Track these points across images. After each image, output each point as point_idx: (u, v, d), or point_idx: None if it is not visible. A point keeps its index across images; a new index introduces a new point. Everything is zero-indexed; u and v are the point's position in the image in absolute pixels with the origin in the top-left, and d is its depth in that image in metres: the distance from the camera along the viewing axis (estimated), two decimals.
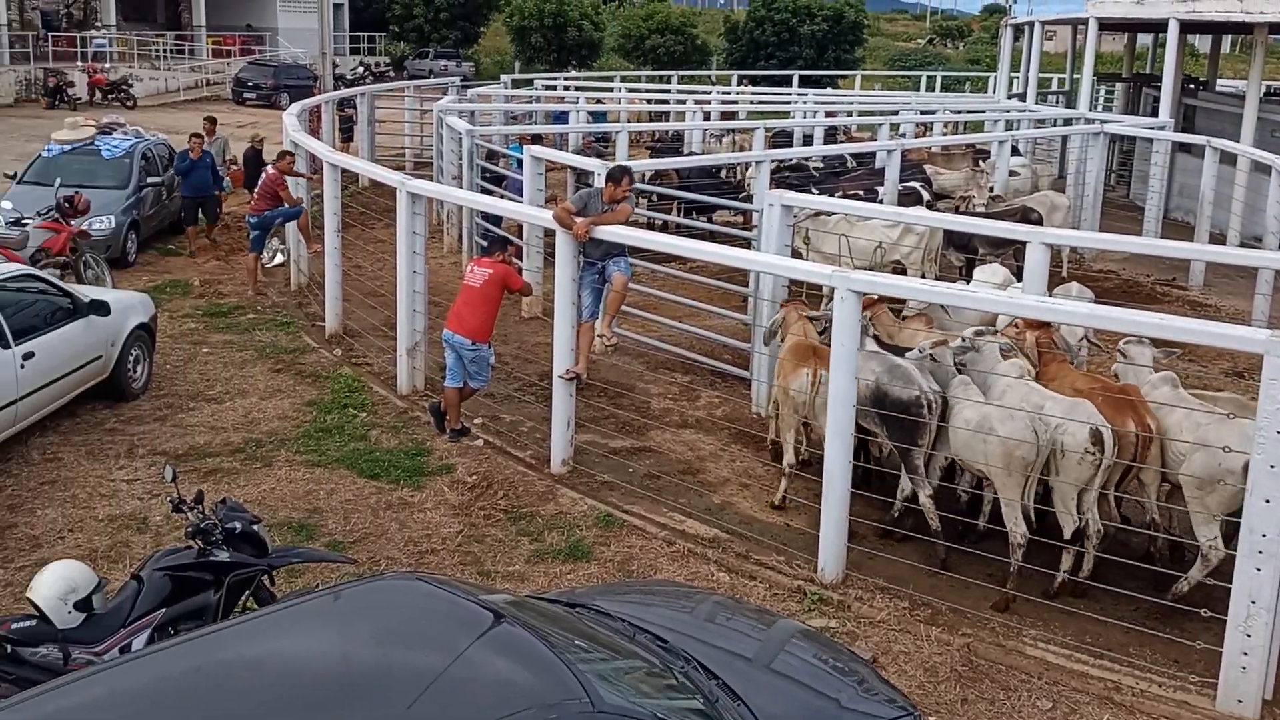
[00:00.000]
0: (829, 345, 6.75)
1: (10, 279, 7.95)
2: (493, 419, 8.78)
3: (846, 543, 6.52)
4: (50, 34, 35.25)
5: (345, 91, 22.52)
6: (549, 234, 9.24)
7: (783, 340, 7.89)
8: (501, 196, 12.98)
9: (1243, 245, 13.76)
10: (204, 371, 9.74)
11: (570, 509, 7.27)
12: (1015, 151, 16.87)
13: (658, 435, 8.56)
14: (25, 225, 10.94)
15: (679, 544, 6.84)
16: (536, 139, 15.08)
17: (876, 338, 7.71)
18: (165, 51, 36.85)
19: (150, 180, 14.18)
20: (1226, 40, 35.17)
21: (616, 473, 7.79)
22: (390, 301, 9.84)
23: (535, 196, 11.43)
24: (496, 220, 12.13)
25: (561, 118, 20.65)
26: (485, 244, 9.74)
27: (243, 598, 5.05)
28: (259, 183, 12.41)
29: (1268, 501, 5.23)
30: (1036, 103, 23.27)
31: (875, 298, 7.81)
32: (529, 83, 28.72)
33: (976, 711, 5.37)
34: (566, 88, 27.23)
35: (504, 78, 29.07)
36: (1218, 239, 14.59)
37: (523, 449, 8.21)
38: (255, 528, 5.13)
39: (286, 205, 12.07)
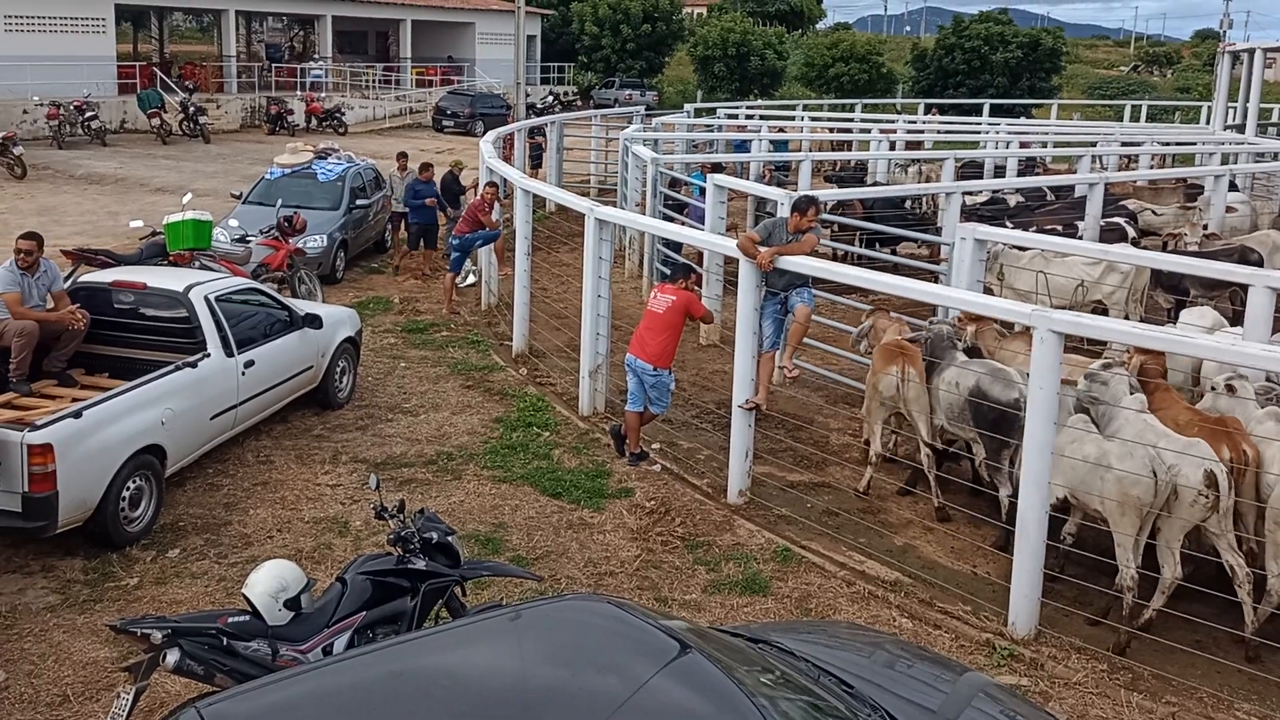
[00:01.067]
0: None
1: (235, 292, 8.60)
2: (671, 445, 8.84)
3: (1040, 597, 6.19)
4: (273, 65, 38.28)
5: (536, 120, 23.36)
6: (730, 262, 9.26)
7: (873, 344, 8.57)
8: (683, 224, 13.13)
9: None
10: (401, 385, 10.24)
11: (747, 541, 7.22)
12: (1233, 187, 15.74)
13: (837, 471, 8.40)
14: (249, 242, 11.84)
15: (859, 584, 6.67)
16: (718, 167, 15.18)
17: (969, 350, 7.94)
18: (374, 81, 39.29)
19: (359, 202, 15.10)
20: None
21: (794, 507, 7.69)
22: (574, 324, 10.08)
23: (716, 224, 11.49)
24: (678, 247, 12.27)
25: (743, 146, 20.72)
26: (668, 270, 9.85)
27: (436, 606, 5.23)
28: (464, 207, 13.03)
29: None
30: (1256, 134, 21.68)
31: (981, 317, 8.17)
32: (711, 111, 28.99)
33: None
34: (749, 116, 27.32)
35: (687, 107, 29.48)
36: None
37: (700, 477, 8.22)
38: (450, 539, 5.32)
39: (487, 229, 12.62)
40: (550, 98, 40.58)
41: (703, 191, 12.86)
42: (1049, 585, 6.34)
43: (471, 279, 14.07)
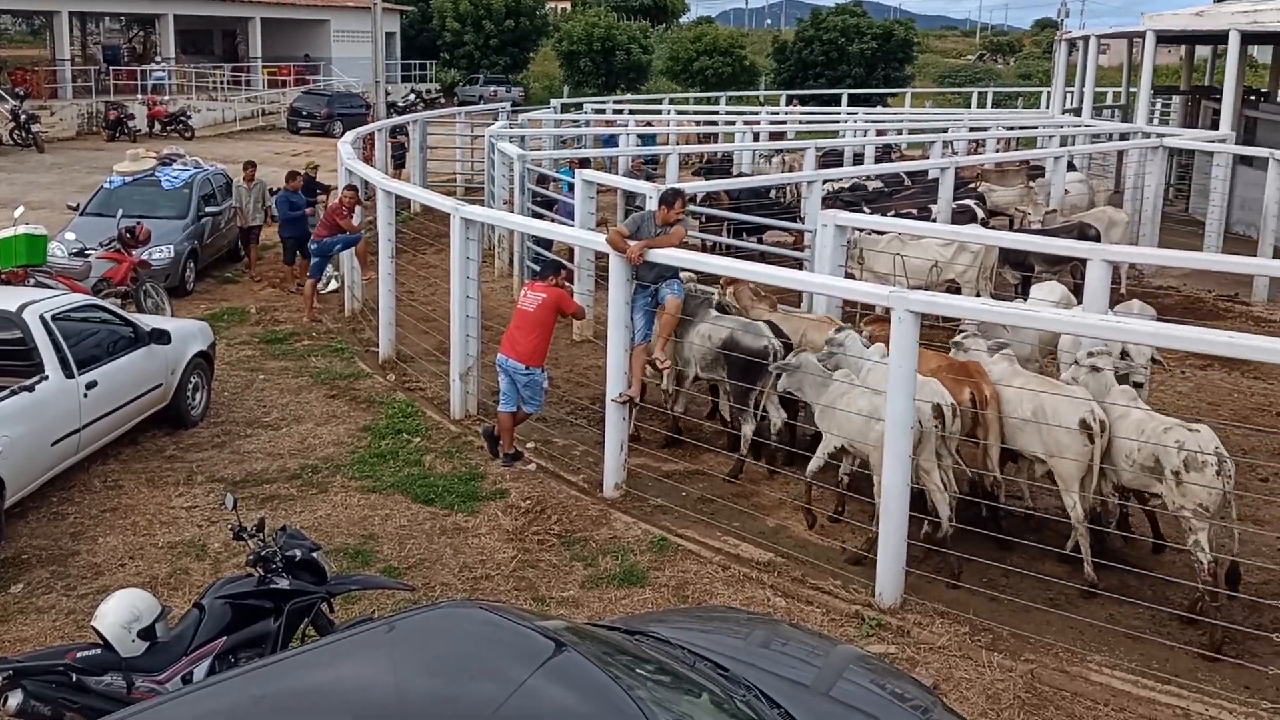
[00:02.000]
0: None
1: (74, 309, 8.13)
2: (545, 443, 8.79)
3: (905, 566, 6.41)
4: (111, 68, 36.34)
5: (397, 119, 22.88)
6: (601, 257, 9.26)
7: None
8: (553, 220, 13.07)
9: None
10: (261, 398, 9.88)
11: (624, 533, 7.24)
12: (1071, 167, 16.61)
13: (711, 458, 8.50)
14: (88, 256, 11.21)
15: (734, 568, 6.77)
16: (586, 163, 15.18)
17: (722, 308, 8.85)
18: (222, 83, 37.79)
19: (208, 210, 14.48)
20: None
21: (670, 496, 7.75)
22: (443, 327, 9.92)
23: (586, 220, 11.48)
24: (548, 244, 12.21)
25: (611, 141, 20.78)
26: (538, 268, 9.80)
27: (302, 625, 5.07)
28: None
29: None
30: (1092, 117, 22.89)
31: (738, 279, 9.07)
32: (578, 107, 28.97)
33: None
34: (616, 111, 27.40)
35: (553, 102, 29.38)
36: None
37: (576, 473, 8.20)
38: (315, 555, 5.16)
39: (346, 233, 12.27)
40: (412, 96, 39.81)
41: (571, 187, 12.83)
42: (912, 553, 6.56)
43: (334, 284, 13.69)
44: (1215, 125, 18.67)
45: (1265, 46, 28.14)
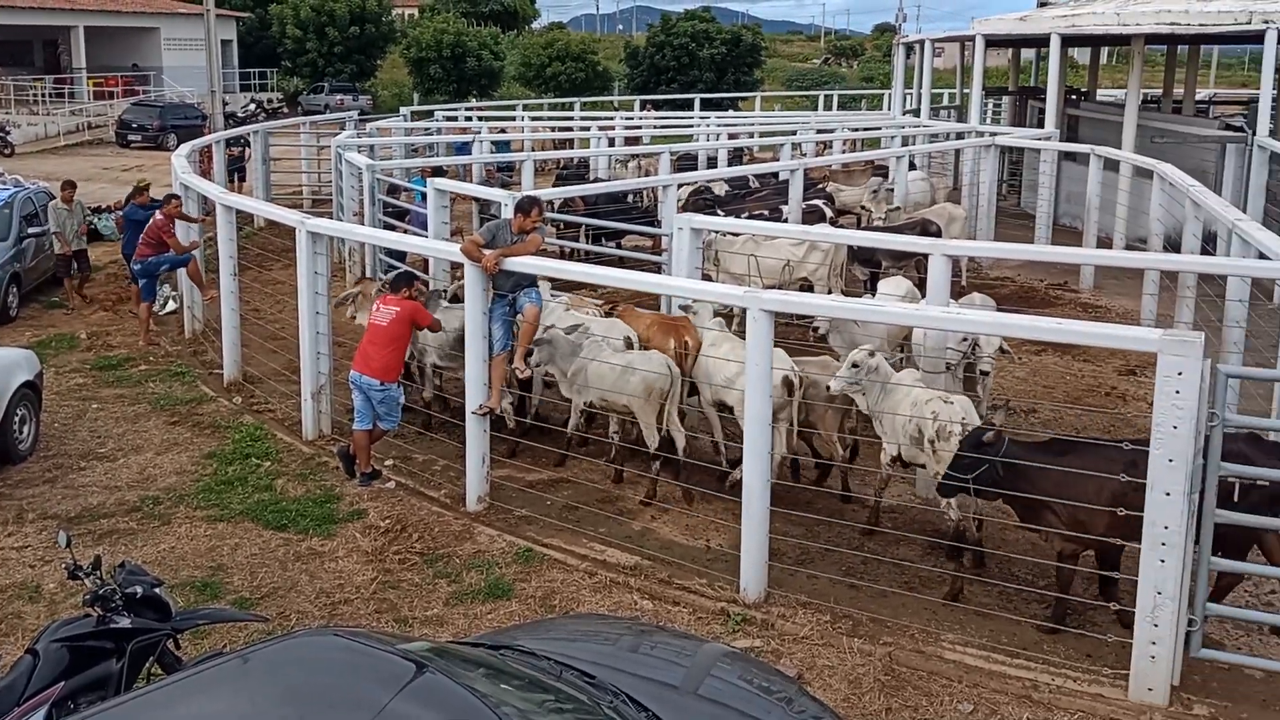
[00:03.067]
0: None
1: None
2: (405, 460, 8.60)
3: (768, 561, 6.54)
4: None
5: (236, 130, 22.01)
6: (456, 268, 9.13)
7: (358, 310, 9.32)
8: (405, 232, 12.81)
9: (1128, 248, 14.30)
10: (95, 428, 9.34)
11: (488, 547, 7.14)
12: (912, 166, 17.30)
13: (575, 466, 8.48)
14: None
15: (601, 574, 6.76)
16: (439, 171, 14.94)
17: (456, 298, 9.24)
18: (44, 95, 35.60)
19: (31, 231, 13.62)
20: (1105, 52, 36.82)
21: (535, 506, 7.69)
22: (292, 345, 9.60)
23: (440, 230, 11.29)
24: (401, 256, 11.95)
25: (464, 149, 20.53)
26: (390, 281, 9.57)
27: (147, 665, 4.81)
28: (144, 228, 12.01)
29: (1168, 494, 5.38)
30: (930, 118, 23.92)
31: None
32: (429, 114, 28.50)
33: None
34: (469, 118, 27.09)
35: (403, 110, 28.81)
36: (1105, 242, 15.15)
37: (437, 489, 8.05)
38: (157, 591, 4.90)
39: (173, 251, 11.70)
40: (253, 105, 38.37)
41: (424, 197, 12.59)
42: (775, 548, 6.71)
43: (171, 305, 13.06)
44: (1041, 124, 19.75)
45: (1084, 49, 30.03)
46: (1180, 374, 5.34)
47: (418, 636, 5.84)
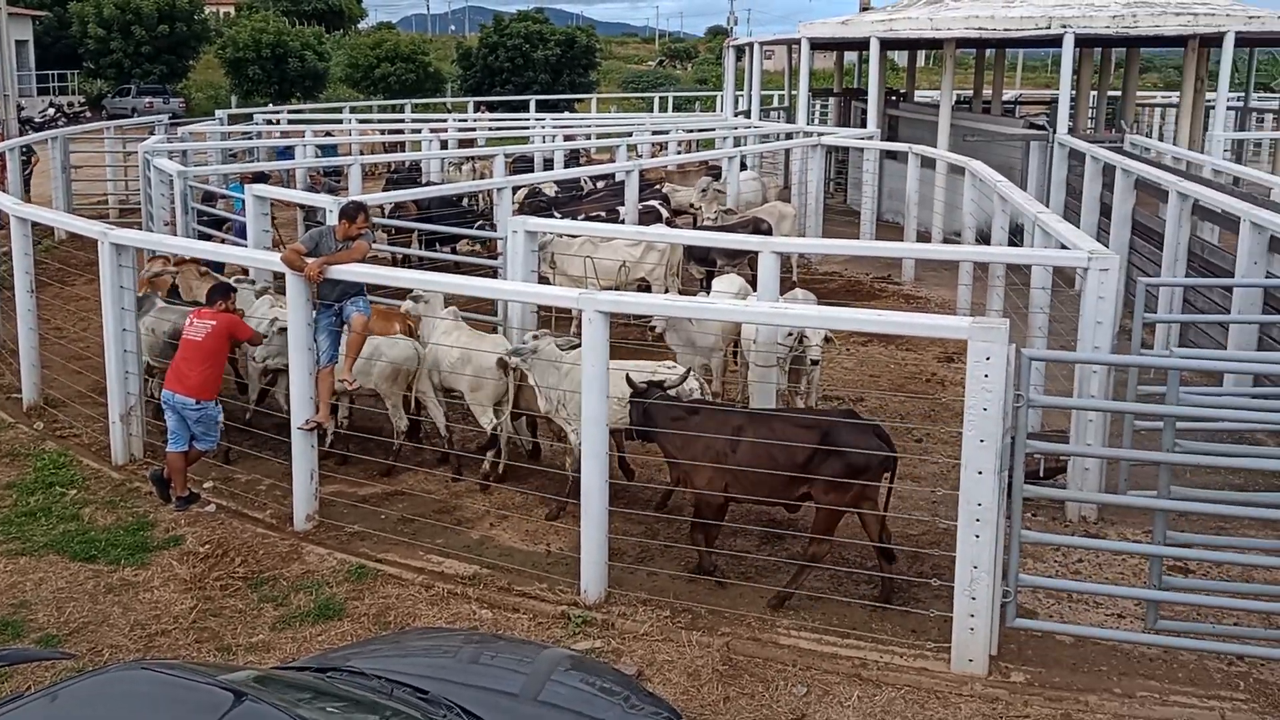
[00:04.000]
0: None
1: None
2: (226, 480, 8.19)
3: (607, 561, 6.53)
4: None
5: (34, 136, 20.50)
6: (279, 278, 8.75)
7: None
8: (224, 241, 12.22)
9: (945, 241, 15.03)
10: None
11: (318, 567, 6.87)
12: (744, 166, 17.69)
13: (410, 477, 8.27)
14: None
15: (438, 586, 6.61)
16: (260, 177, 14.32)
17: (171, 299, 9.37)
18: None
19: None
20: (922, 55, 38.65)
21: (368, 521, 7.45)
22: (99, 365, 9.00)
23: (260, 239, 10.81)
24: (220, 267, 11.39)
25: (287, 153, 19.75)
26: (206, 294, 9.10)
27: None
28: None
29: (980, 473, 5.66)
30: (760, 119, 24.52)
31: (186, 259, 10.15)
32: (248, 118, 27.31)
33: (738, 708, 5.49)
34: (292, 121, 26.09)
35: (219, 113, 27.51)
36: (924, 237, 15.89)
37: (262, 509, 7.70)
38: None
39: None
40: (51, 110, 35.90)
41: (244, 205, 12.03)
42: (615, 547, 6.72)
43: None
44: (864, 124, 20.53)
45: (903, 52, 31.46)
46: (988, 359, 5.62)
47: (241, 665, 5.56)
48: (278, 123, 25.71)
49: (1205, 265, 10.70)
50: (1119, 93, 24.32)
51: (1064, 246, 8.35)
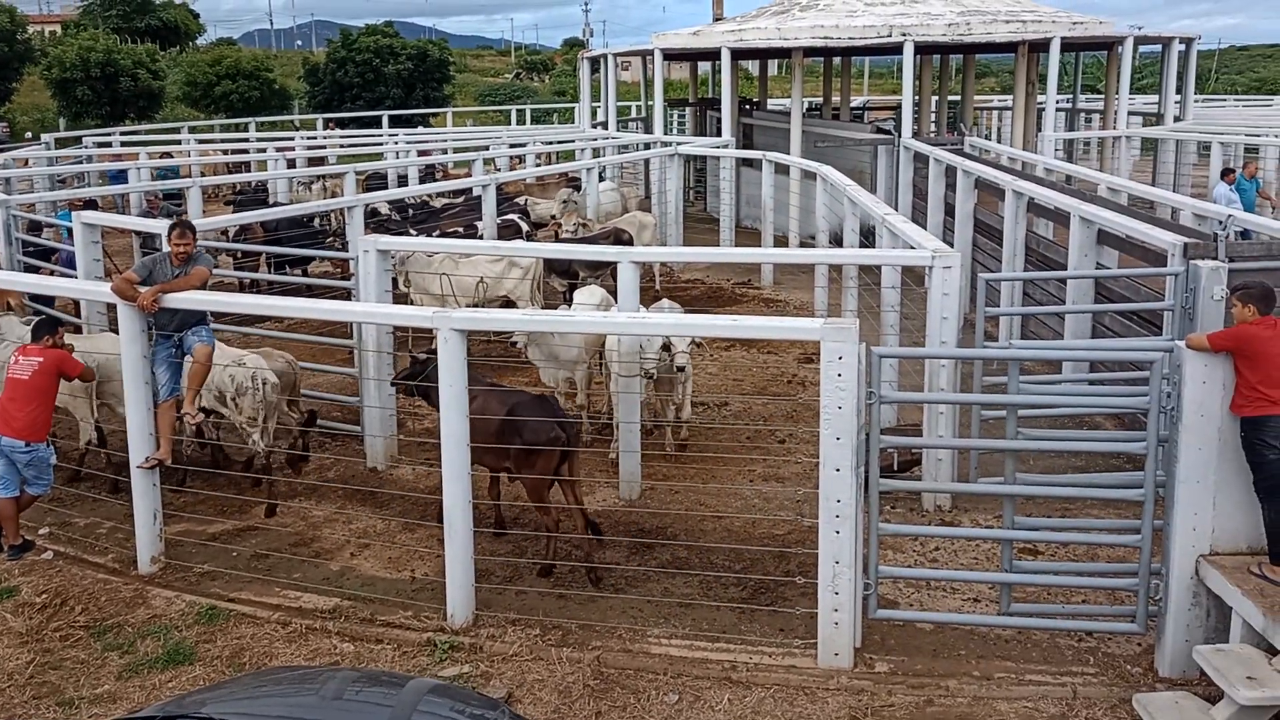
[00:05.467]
0: None
1: None
2: (63, 525, 7.68)
3: (474, 583, 6.39)
4: None
5: None
6: (112, 309, 8.26)
7: None
8: (51, 273, 11.50)
9: (801, 245, 15.42)
10: None
11: (165, 610, 6.50)
12: (602, 177, 17.73)
13: (262, 511, 7.91)
14: None
15: (295, 623, 6.33)
16: (91, 204, 13.54)
17: None
18: None
19: None
20: (773, 64, 39.61)
21: (218, 560, 7.09)
22: None
23: (91, 268, 10.20)
24: (50, 301, 10.72)
25: (120, 177, 18.77)
26: (31, 329, 8.52)
27: None
28: None
29: (838, 470, 5.78)
30: (618, 130, 24.66)
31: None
32: (78, 141, 25.86)
33: None
34: (125, 144, 24.82)
35: (45, 137, 25.96)
36: (781, 241, 16.25)
37: (103, 553, 7.25)
38: None
39: None
40: None
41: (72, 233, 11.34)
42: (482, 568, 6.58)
43: None
44: (720, 132, 20.88)
45: (754, 61, 32.16)
46: (840, 358, 5.75)
47: (84, 719, 5.21)
48: (109, 145, 24.43)
49: (1042, 259, 11.26)
50: (959, 97, 25.52)
51: (910, 246, 8.63)
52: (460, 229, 14.60)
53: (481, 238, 13.68)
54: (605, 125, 25.38)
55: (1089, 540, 6.64)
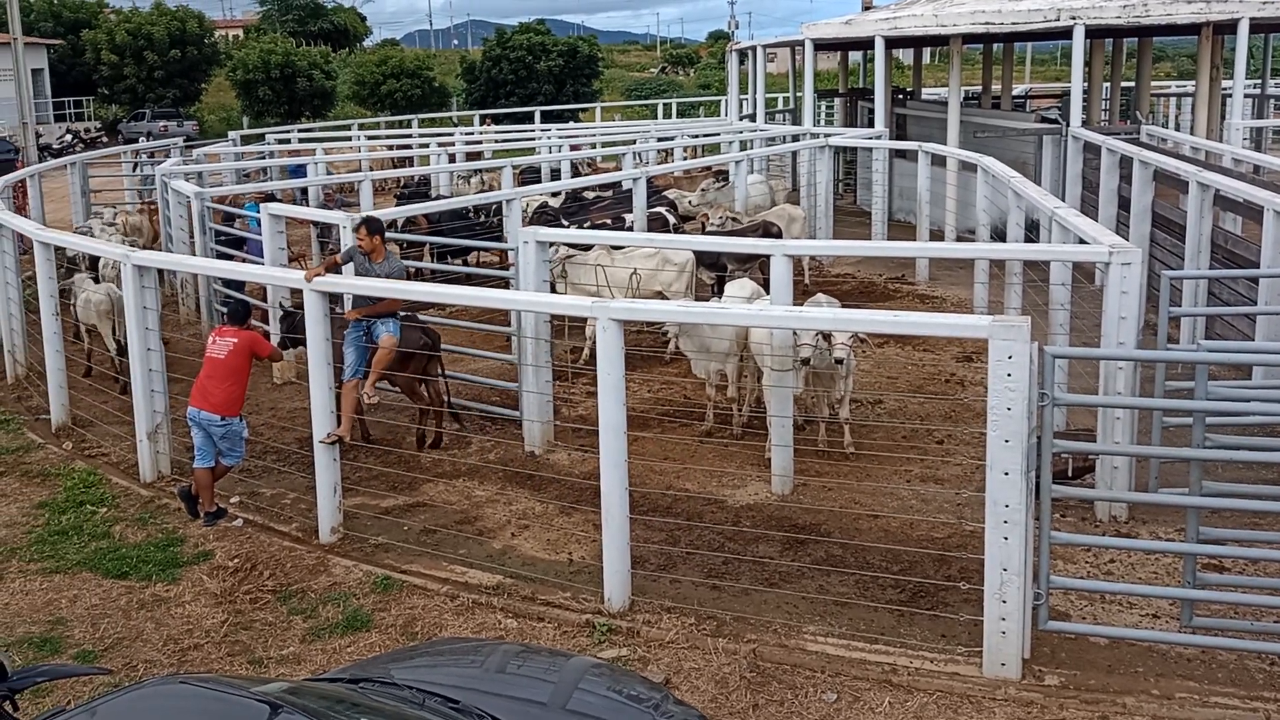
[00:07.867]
0: None
1: None
2: (252, 495, 8.25)
3: (630, 569, 6.53)
4: None
5: (53, 163, 20.71)
6: (296, 294, 8.83)
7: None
8: (243, 260, 12.30)
9: (959, 239, 15.00)
10: None
11: (344, 579, 6.91)
12: (751, 169, 17.69)
13: (430, 488, 8.30)
14: None
15: (463, 597, 6.63)
16: (271, 197, 14.41)
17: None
18: None
19: None
20: (928, 52, 38.59)
21: (391, 533, 7.49)
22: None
23: (277, 256, 10.89)
24: (240, 286, 11.49)
25: (298, 171, 19.88)
26: (228, 311, 9.19)
27: None
28: None
29: (1006, 474, 5.60)
30: (766, 122, 24.52)
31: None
32: (260, 138, 27.51)
33: (768, 715, 5.48)
34: (303, 140, 26.27)
35: (232, 134, 27.72)
36: (937, 235, 15.84)
37: (288, 523, 7.75)
38: None
39: None
40: (69, 136, 36.26)
41: (259, 224, 12.12)
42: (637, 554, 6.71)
43: None
44: (871, 123, 20.49)
45: (908, 50, 31.40)
46: (1010, 358, 5.57)
47: (273, 677, 5.60)
48: (288, 141, 25.90)
49: (1229, 256, 10.63)
50: (1132, 83, 24.18)
51: (1083, 241, 8.31)
52: (609, 221, 14.83)
53: (631, 230, 13.86)
54: (753, 118, 25.28)
55: None
